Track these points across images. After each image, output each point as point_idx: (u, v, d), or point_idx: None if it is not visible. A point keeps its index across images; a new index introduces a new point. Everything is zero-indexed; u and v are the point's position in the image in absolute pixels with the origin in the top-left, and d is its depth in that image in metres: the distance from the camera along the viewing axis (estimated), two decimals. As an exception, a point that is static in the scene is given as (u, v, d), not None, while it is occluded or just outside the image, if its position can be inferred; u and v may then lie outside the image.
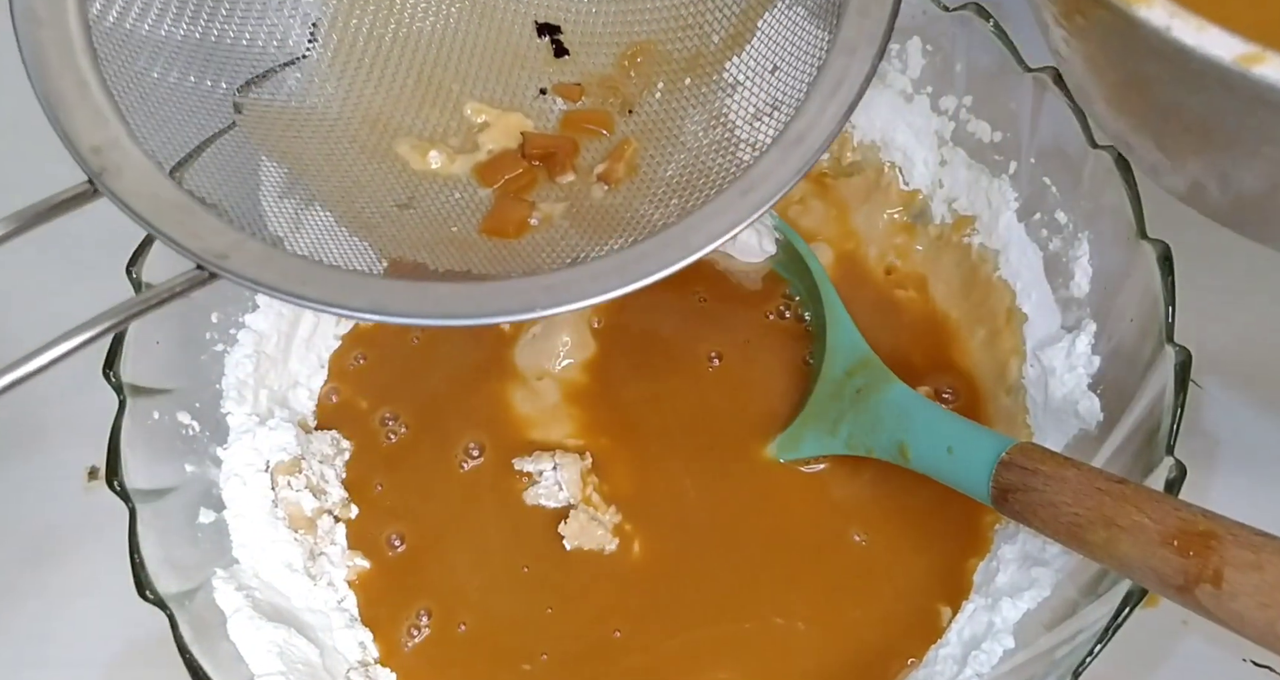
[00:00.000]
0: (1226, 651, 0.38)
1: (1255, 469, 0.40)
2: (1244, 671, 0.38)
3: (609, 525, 0.39)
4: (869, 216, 0.42)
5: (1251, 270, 0.42)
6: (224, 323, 0.39)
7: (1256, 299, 0.43)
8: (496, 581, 0.38)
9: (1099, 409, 0.35)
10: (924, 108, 0.40)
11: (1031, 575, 0.35)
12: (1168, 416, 0.31)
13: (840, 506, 0.39)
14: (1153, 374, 0.32)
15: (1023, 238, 0.39)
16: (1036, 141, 0.37)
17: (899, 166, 0.42)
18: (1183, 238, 0.33)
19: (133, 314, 0.28)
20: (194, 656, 0.31)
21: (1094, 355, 0.36)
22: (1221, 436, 0.41)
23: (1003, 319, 0.39)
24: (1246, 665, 0.37)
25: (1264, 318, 0.42)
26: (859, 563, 0.38)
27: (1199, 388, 0.40)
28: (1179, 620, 0.38)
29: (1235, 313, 0.42)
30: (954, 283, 0.41)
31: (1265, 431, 0.41)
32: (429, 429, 0.41)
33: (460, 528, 0.39)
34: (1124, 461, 0.33)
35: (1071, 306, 0.37)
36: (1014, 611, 0.34)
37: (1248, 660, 0.38)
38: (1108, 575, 0.31)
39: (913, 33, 0.39)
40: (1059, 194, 0.37)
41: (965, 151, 0.40)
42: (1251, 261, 0.40)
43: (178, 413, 0.37)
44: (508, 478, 0.40)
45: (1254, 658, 0.38)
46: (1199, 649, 0.38)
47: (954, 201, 0.41)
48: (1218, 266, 0.39)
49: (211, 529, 0.37)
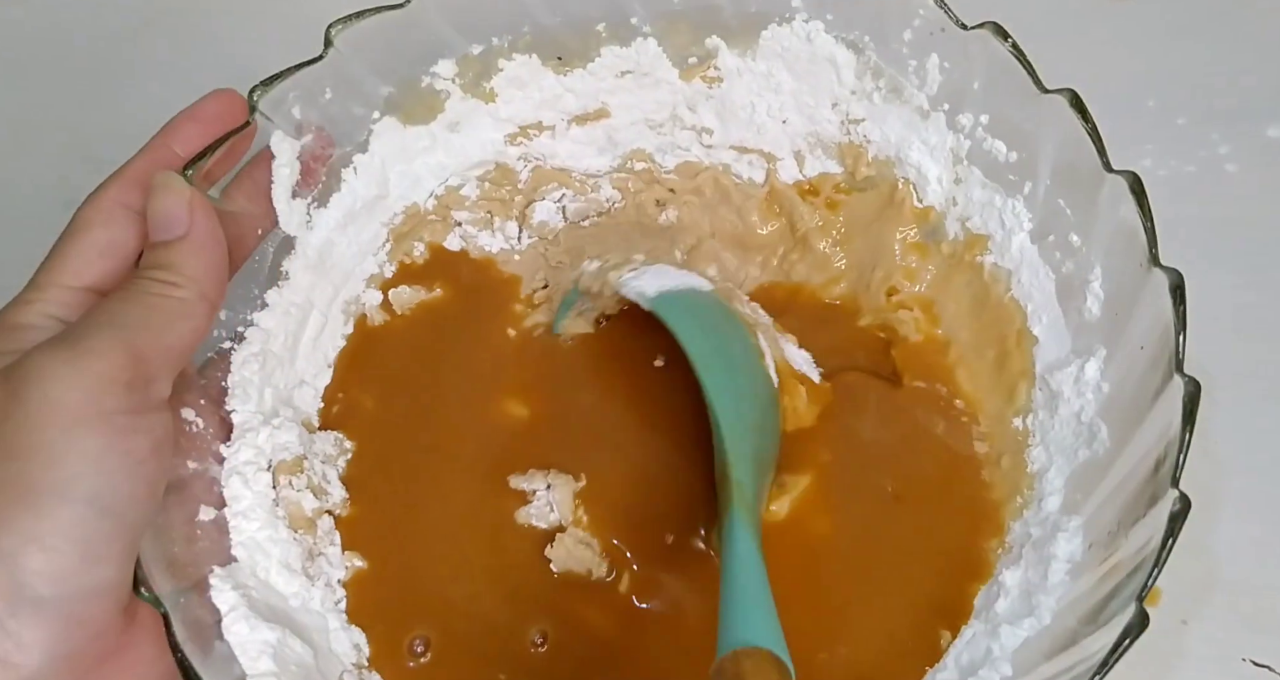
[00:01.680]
0: (1226, 651, 0.37)
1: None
2: (1244, 671, 0.37)
3: (597, 548, 0.38)
4: (881, 234, 0.42)
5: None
6: (232, 320, 0.39)
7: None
8: (480, 594, 0.38)
9: (1106, 436, 0.35)
10: (940, 125, 0.40)
11: (1032, 602, 0.34)
12: (1174, 449, 0.30)
13: (840, 529, 0.38)
14: (1161, 403, 0.31)
15: (1036, 259, 0.38)
16: (1052, 163, 0.37)
17: (913, 183, 0.42)
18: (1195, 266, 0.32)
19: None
20: (185, 656, 0.31)
21: (1103, 381, 0.35)
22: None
23: (1013, 340, 0.39)
24: (1246, 665, 0.37)
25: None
26: (860, 584, 0.38)
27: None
28: (1179, 620, 0.38)
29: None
30: (964, 302, 0.41)
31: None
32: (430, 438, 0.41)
33: (450, 542, 0.39)
34: (1130, 490, 0.32)
35: (1083, 331, 0.36)
36: (1013, 639, 0.34)
37: (1247, 660, 0.37)
38: (1109, 605, 0.31)
39: (931, 50, 0.39)
40: (1073, 217, 0.36)
41: (980, 170, 0.40)
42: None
43: (182, 409, 0.37)
44: (501, 495, 0.40)
45: (1254, 657, 0.38)
46: (1199, 648, 0.38)
47: (968, 220, 0.40)
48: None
49: (211, 526, 0.37)
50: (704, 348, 0.38)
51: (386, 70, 0.41)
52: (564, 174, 0.45)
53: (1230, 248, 0.47)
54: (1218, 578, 0.41)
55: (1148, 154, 0.50)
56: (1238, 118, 0.51)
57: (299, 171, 0.39)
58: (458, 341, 0.43)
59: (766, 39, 0.42)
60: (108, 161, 0.34)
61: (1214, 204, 0.49)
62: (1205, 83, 0.52)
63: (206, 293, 0.33)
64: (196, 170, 0.35)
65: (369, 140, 0.41)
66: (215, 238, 0.33)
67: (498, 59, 0.42)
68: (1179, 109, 0.52)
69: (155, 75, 0.56)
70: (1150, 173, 0.50)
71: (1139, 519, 0.31)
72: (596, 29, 0.42)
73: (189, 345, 0.33)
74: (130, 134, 0.36)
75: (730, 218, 0.45)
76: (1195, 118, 0.51)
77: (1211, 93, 0.52)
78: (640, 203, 0.46)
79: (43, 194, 0.46)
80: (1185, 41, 0.53)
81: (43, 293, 0.33)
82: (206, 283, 0.33)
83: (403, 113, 0.42)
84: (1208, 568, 0.41)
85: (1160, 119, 0.51)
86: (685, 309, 0.39)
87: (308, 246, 0.40)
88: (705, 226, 0.46)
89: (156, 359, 0.31)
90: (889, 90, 0.41)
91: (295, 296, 0.40)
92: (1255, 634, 0.40)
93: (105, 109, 0.55)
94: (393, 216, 0.43)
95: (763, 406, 0.39)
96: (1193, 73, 0.52)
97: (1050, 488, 0.36)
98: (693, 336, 0.38)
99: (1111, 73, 0.51)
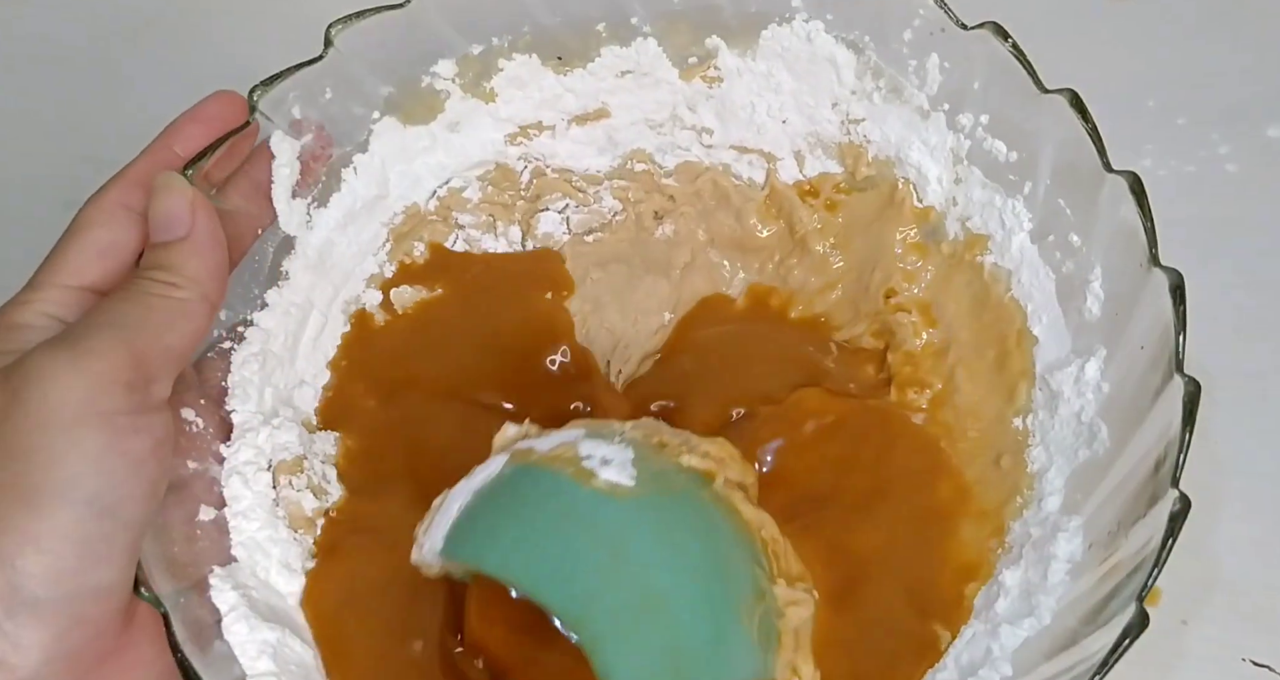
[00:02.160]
0: (1226, 651, 0.38)
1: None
2: (1244, 671, 0.38)
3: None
4: (881, 234, 0.42)
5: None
6: (232, 320, 0.39)
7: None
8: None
9: (1106, 436, 0.35)
10: (940, 124, 0.40)
11: (1032, 602, 0.34)
12: (1174, 449, 0.30)
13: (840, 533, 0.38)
14: (1161, 403, 0.31)
15: (1036, 259, 0.38)
16: (1052, 163, 0.37)
17: (913, 183, 0.42)
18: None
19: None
20: (185, 656, 0.31)
21: (1103, 381, 0.35)
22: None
23: (1013, 341, 0.39)
24: (1246, 665, 0.37)
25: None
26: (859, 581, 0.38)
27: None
28: (1179, 620, 0.38)
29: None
30: (964, 302, 0.41)
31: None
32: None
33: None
34: (1130, 490, 0.32)
35: (1083, 331, 0.36)
36: (1013, 638, 0.34)
37: (1247, 660, 0.38)
38: (1109, 605, 0.31)
39: (931, 50, 0.39)
40: (1073, 217, 0.36)
41: (980, 170, 0.40)
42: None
43: (182, 409, 0.37)
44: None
45: (1253, 657, 0.38)
46: (1199, 648, 0.38)
47: (968, 220, 0.40)
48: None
49: (211, 526, 0.37)
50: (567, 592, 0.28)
51: (386, 70, 0.41)
52: (565, 180, 0.45)
53: (1230, 248, 0.47)
54: (1218, 578, 0.41)
55: (1148, 154, 0.50)
56: (1238, 118, 0.51)
57: (298, 171, 0.39)
58: (459, 340, 0.42)
59: (766, 39, 0.41)
60: (108, 162, 0.34)
61: (1214, 204, 0.49)
62: (1205, 83, 0.52)
63: (207, 294, 0.33)
64: (196, 170, 0.35)
65: (369, 140, 0.41)
66: (216, 239, 0.33)
67: (498, 59, 0.42)
68: (1179, 109, 0.52)
69: (155, 75, 0.56)
70: (1150, 173, 0.50)
71: (1139, 519, 0.31)
72: (596, 29, 0.42)
73: (189, 346, 0.32)
74: (131, 134, 0.36)
75: (729, 222, 0.45)
76: (1195, 118, 0.51)
77: (1211, 93, 0.52)
78: (640, 214, 0.46)
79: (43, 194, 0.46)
80: (1185, 41, 0.53)
81: (42, 292, 0.33)
82: (207, 284, 0.33)
83: (403, 113, 0.42)
84: (1208, 568, 0.41)
85: (1160, 119, 0.51)
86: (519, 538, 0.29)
87: (308, 246, 0.40)
88: (701, 236, 0.46)
89: (156, 359, 0.31)
90: (889, 90, 0.41)
91: (295, 296, 0.40)
92: (1255, 634, 0.40)
93: (105, 109, 0.55)
94: (393, 216, 0.43)
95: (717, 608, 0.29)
96: (1192, 73, 0.52)
97: (1050, 488, 0.36)
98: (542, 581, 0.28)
99: (1111, 73, 0.51)
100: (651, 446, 0.32)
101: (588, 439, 0.32)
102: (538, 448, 0.32)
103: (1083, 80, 0.36)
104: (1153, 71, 0.52)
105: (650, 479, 0.31)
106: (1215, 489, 0.40)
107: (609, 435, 0.32)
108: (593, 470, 0.30)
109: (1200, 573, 0.41)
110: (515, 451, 0.32)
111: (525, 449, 0.32)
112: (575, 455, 0.31)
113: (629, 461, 0.31)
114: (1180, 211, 0.33)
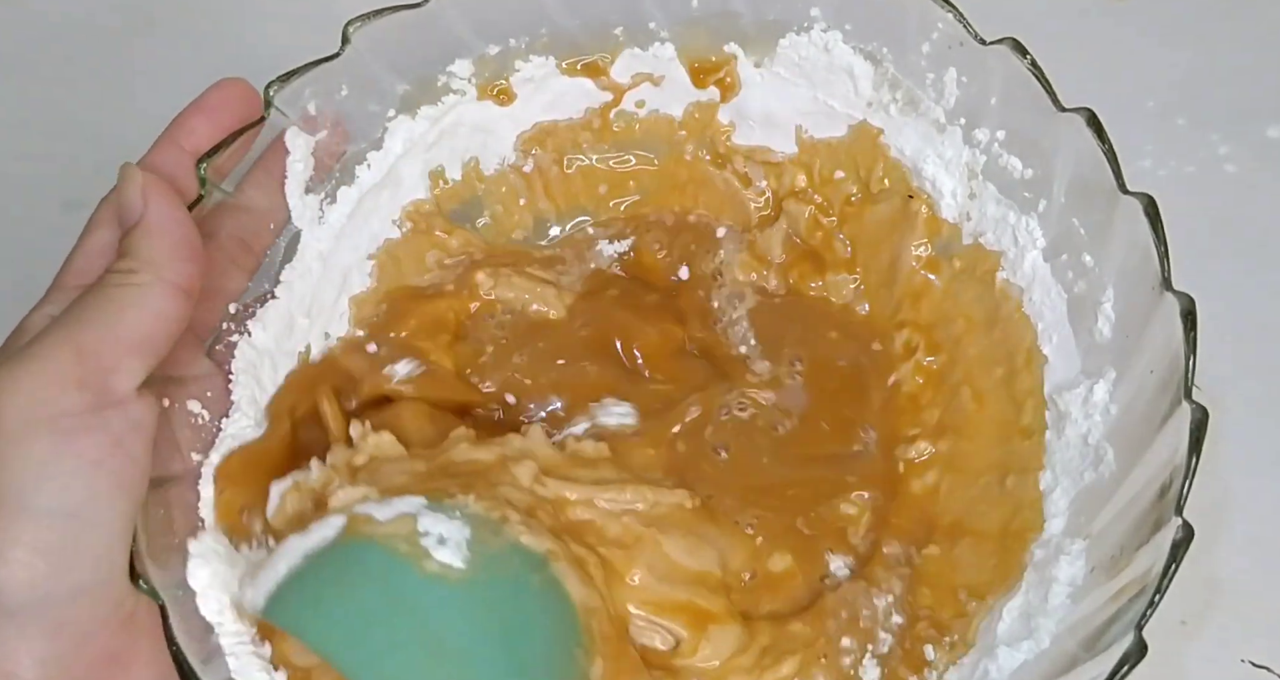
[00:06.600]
0: (1226, 651, 0.37)
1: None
2: (1243, 671, 0.37)
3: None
4: (894, 247, 0.42)
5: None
6: (240, 313, 0.39)
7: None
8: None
9: (1112, 459, 0.34)
10: (956, 139, 0.40)
11: (1031, 625, 0.34)
12: (1180, 476, 0.30)
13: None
14: (1168, 429, 0.31)
15: (1048, 278, 0.38)
16: (1067, 181, 0.36)
17: (928, 196, 0.41)
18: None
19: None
20: (180, 649, 0.31)
21: (1112, 404, 0.35)
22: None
23: (1022, 359, 0.39)
24: (1245, 665, 0.37)
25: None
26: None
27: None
28: (1178, 620, 0.37)
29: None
30: (975, 317, 0.40)
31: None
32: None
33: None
34: (1134, 515, 0.32)
35: (1093, 352, 0.36)
36: (1011, 660, 0.33)
37: (1246, 661, 0.37)
38: (1109, 631, 0.30)
39: (949, 63, 0.38)
40: (1087, 236, 0.36)
41: (995, 186, 0.39)
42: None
43: (188, 401, 0.37)
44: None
45: (1252, 658, 0.37)
46: (1198, 649, 0.37)
47: (981, 236, 0.40)
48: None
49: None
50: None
51: (403, 68, 0.41)
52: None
53: (1230, 248, 0.47)
54: (1218, 579, 0.41)
55: (1148, 154, 0.50)
56: (1238, 118, 0.51)
57: (312, 167, 0.39)
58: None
59: (784, 47, 0.41)
60: (109, 162, 0.34)
61: (1214, 204, 0.49)
62: (1204, 83, 0.52)
63: (164, 274, 0.31)
64: (209, 164, 0.35)
65: (384, 137, 0.41)
66: (174, 219, 0.32)
67: (514, 60, 0.42)
68: (1178, 110, 0.51)
69: (166, 73, 0.55)
70: (1150, 173, 0.50)
71: (1142, 544, 0.31)
72: (614, 33, 0.42)
73: (152, 332, 0.31)
74: (135, 134, 0.36)
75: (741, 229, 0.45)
76: (1195, 118, 0.51)
77: (1211, 93, 0.51)
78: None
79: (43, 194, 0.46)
80: (1185, 42, 0.53)
81: (52, 295, 0.32)
82: (165, 266, 0.31)
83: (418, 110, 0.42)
84: (1208, 569, 0.41)
85: (1160, 120, 0.51)
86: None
87: (319, 241, 0.40)
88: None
89: (108, 352, 0.30)
90: (906, 102, 0.41)
91: (304, 289, 0.40)
92: (1255, 635, 0.39)
93: (109, 109, 0.55)
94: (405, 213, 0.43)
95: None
96: (1192, 73, 0.52)
97: (1055, 510, 0.36)
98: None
99: (1111, 74, 0.50)
100: (492, 523, 0.32)
101: (427, 512, 0.32)
102: (376, 516, 0.32)
103: (1083, 80, 0.35)
104: (1152, 72, 0.52)
105: (483, 562, 0.31)
106: (1216, 490, 0.39)
107: (449, 510, 0.32)
108: (427, 549, 0.31)
109: (1200, 574, 0.40)
110: (352, 516, 0.32)
111: (364, 515, 0.32)
112: (413, 531, 0.31)
113: (465, 541, 0.31)
114: (1180, 211, 0.33)
